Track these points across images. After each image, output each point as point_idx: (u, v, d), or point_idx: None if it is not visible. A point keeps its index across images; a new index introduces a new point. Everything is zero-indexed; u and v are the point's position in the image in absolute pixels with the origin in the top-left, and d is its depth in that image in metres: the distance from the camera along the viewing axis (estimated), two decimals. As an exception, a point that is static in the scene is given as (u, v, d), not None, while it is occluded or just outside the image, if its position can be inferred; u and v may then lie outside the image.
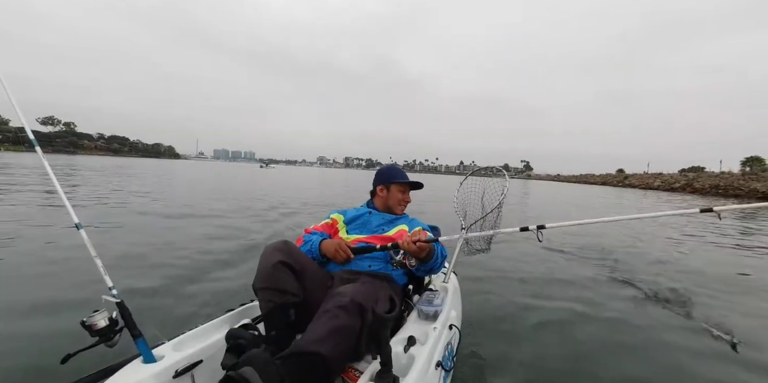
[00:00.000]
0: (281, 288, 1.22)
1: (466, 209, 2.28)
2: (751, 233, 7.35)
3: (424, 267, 1.56)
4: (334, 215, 1.78)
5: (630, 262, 4.25)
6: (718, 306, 2.82)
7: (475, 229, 2.21)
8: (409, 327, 1.31)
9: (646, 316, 2.60)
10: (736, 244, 5.88)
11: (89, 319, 0.99)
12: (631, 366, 1.91)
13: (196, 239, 4.38)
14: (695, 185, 32.32)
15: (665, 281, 3.44)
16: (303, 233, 1.67)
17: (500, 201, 2.07)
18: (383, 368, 0.95)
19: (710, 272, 3.96)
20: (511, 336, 2.18)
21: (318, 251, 1.54)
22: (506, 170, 2.27)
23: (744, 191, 26.22)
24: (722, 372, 1.88)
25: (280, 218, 6.47)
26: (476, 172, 2.41)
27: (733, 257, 4.95)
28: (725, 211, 1.19)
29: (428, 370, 1.10)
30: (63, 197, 1.12)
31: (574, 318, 2.49)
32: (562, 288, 3.15)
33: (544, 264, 3.99)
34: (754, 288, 3.43)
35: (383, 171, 1.87)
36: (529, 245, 5.05)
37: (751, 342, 2.20)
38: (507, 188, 2.09)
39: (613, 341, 2.18)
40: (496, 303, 2.70)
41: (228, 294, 2.57)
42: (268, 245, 1.31)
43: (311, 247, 1.55)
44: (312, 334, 1.02)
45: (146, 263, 3.26)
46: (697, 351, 2.09)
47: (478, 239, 2.21)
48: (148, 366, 1.02)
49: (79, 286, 2.54)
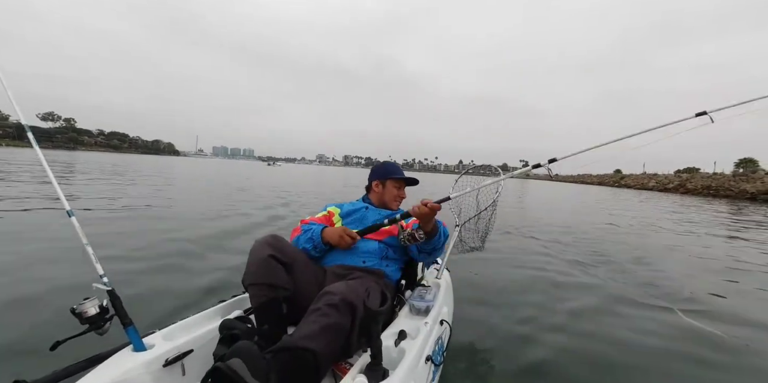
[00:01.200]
0: (272, 283, 1.22)
1: (461, 207, 2.29)
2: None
3: (428, 246, 1.54)
4: (330, 208, 1.78)
5: (632, 268, 4.25)
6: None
7: (469, 226, 2.23)
8: (400, 322, 1.32)
9: (644, 316, 2.63)
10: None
11: (79, 307, 0.98)
12: (624, 359, 1.95)
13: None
14: (688, 186, 32.96)
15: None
16: (300, 224, 1.66)
17: (494, 199, 2.09)
18: (373, 361, 0.96)
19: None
20: (502, 332, 2.20)
21: (320, 239, 1.52)
22: (504, 170, 2.28)
23: (734, 191, 26.51)
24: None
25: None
26: (472, 170, 2.42)
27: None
28: (715, 111, 1.38)
29: (418, 364, 1.10)
30: (55, 185, 1.11)
31: (565, 315, 2.52)
32: (553, 286, 3.18)
33: (537, 262, 4.02)
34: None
35: (379, 167, 1.86)
36: (524, 244, 5.09)
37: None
38: (502, 187, 2.10)
39: (604, 337, 2.21)
40: (487, 300, 2.72)
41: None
42: (257, 240, 1.31)
43: (312, 235, 1.53)
44: (303, 331, 1.02)
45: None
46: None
47: (472, 237, 2.23)
48: (138, 355, 1.02)
49: (71, 273, 2.52)
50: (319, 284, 1.40)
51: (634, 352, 2.06)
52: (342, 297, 1.09)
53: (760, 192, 23.93)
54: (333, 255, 1.57)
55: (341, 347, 1.08)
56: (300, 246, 1.53)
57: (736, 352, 2.12)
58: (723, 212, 13.04)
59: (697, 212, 12.47)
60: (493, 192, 2.13)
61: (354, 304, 1.09)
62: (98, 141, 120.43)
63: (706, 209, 13.74)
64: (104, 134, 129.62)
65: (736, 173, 35.07)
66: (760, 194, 23.75)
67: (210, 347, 1.12)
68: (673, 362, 1.98)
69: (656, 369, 1.91)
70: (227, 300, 1.42)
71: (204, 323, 1.25)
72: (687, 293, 3.18)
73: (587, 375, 1.82)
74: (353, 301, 1.09)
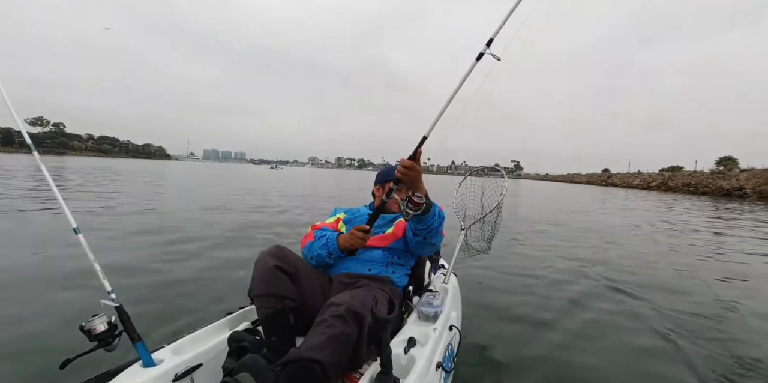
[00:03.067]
0: (279, 294, 1.21)
1: (466, 210, 2.28)
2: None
3: (422, 225, 1.40)
4: (339, 214, 1.78)
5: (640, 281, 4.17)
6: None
7: (474, 229, 2.21)
8: (409, 329, 1.31)
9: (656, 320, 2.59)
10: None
11: (88, 324, 0.98)
12: (636, 365, 1.91)
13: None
14: (669, 184, 34.62)
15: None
16: (311, 230, 1.63)
17: (499, 201, 2.08)
18: (383, 369, 0.95)
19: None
20: (512, 337, 2.17)
21: (336, 245, 1.47)
22: (496, 170, 2.27)
23: (711, 188, 28.34)
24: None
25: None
26: (475, 172, 2.41)
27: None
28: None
29: (428, 371, 1.09)
30: (61, 202, 1.11)
31: (577, 320, 2.48)
32: (563, 290, 3.15)
33: (546, 266, 3.99)
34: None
35: (380, 172, 1.87)
36: (531, 247, 5.05)
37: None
38: (506, 188, 2.09)
39: (616, 342, 2.18)
40: (496, 304, 2.69)
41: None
42: (261, 252, 1.30)
43: (328, 241, 1.48)
44: (309, 342, 1.02)
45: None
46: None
47: (478, 240, 2.21)
48: (147, 370, 1.01)
49: (78, 290, 2.54)
50: (326, 293, 1.39)
51: (659, 358, 2.03)
52: (347, 307, 1.08)
53: (733, 189, 26.07)
54: (339, 264, 1.56)
55: (350, 357, 1.06)
56: (314, 252, 1.50)
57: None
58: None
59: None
60: (498, 194, 2.12)
61: (360, 313, 1.08)
62: (88, 146, 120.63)
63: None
64: (94, 139, 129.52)
65: (713, 171, 36.94)
66: (734, 190, 25.90)
67: (219, 360, 1.12)
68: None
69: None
70: (235, 311, 1.42)
71: (212, 336, 1.25)
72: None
73: (601, 379, 1.78)
74: (359, 310, 1.08)
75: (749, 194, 23.89)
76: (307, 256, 1.53)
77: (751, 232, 7.42)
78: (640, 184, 39.82)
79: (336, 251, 1.47)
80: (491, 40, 1.30)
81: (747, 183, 25.38)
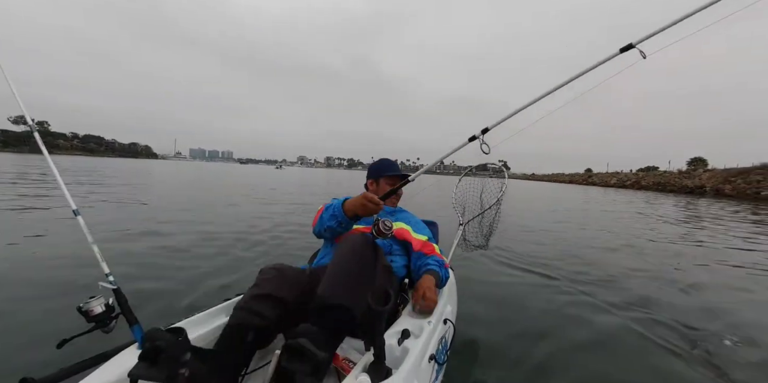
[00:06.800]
0: (282, 297, 1.18)
1: (465, 205, 2.28)
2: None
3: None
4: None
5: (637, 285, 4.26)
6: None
7: (473, 224, 2.22)
8: (403, 321, 1.32)
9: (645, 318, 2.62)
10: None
11: (85, 305, 0.99)
12: (627, 363, 1.93)
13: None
14: (642, 183, 38.28)
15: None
16: (321, 208, 1.59)
17: (498, 198, 2.08)
18: (376, 360, 0.96)
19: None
20: (506, 331, 2.19)
21: (341, 211, 1.44)
22: (485, 170, 2.26)
23: (677, 186, 32.15)
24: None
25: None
26: (474, 171, 2.41)
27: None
28: (642, 41, 1.15)
29: (421, 363, 1.10)
30: (61, 184, 1.12)
31: (570, 315, 2.50)
32: (558, 285, 3.16)
33: (543, 262, 4.01)
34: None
35: (373, 165, 1.85)
36: (528, 243, 5.07)
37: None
38: (506, 186, 2.09)
39: (608, 337, 2.20)
40: (491, 299, 2.71)
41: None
42: (262, 270, 1.28)
43: (335, 211, 1.46)
44: (326, 290, 1.07)
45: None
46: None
47: (476, 236, 2.22)
48: (143, 353, 1.02)
49: (77, 272, 2.55)
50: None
51: (646, 352, 2.05)
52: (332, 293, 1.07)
53: (696, 187, 29.82)
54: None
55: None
56: (325, 225, 1.48)
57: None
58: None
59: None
60: (497, 191, 2.12)
61: (357, 250, 1.12)
62: (74, 145, 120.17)
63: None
64: (79, 138, 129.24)
65: (680, 171, 40.46)
66: (696, 188, 29.67)
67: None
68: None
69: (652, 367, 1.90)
70: (232, 298, 1.43)
71: (208, 321, 1.26)
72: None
73: (594, 373, 1.81)
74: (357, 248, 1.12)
75: (708, 191, 27.72)
76: (320, 231, 1.52)
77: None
78: (616, 183, 43.84)
79: (343, 218, 1.44)
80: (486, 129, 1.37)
81: (707, 182, 29.13)
